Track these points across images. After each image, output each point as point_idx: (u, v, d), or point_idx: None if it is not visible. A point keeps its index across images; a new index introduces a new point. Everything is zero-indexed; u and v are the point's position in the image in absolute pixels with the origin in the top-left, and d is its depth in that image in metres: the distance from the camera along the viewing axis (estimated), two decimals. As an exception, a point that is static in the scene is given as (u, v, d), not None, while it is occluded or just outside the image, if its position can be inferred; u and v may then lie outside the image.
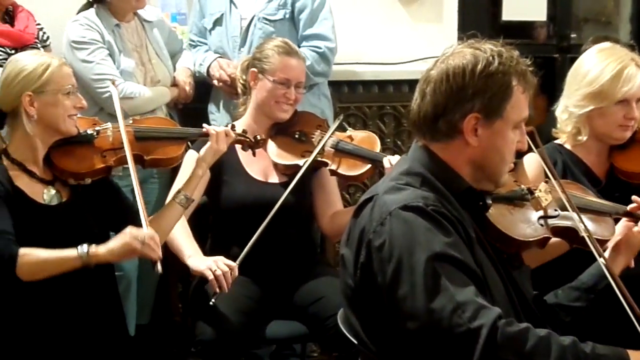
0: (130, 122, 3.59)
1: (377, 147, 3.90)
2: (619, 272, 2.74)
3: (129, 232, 3.10)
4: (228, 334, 3.47)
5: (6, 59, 3.94)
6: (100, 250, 3.09)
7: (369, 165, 3.81)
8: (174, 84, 4.55)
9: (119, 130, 3.36)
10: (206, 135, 3.54)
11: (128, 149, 3.29)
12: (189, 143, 3.72)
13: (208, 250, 3.88)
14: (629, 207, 2.94)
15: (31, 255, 3.03)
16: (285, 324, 3.78)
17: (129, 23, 4.41)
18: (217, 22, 4.66)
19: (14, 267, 3.00)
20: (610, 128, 3.36)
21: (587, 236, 2.63)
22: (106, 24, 4.29)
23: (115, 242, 3.11)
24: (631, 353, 2.22)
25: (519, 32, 6.04)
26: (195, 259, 3.58)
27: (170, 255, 3.63)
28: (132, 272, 4.26)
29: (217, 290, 3.48)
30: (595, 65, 3.35)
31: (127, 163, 3.31)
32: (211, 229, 3.94)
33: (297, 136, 3.91)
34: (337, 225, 3.77)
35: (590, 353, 2.16)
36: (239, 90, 4.03)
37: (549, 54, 6.12)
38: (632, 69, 3.31)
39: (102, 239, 3.22)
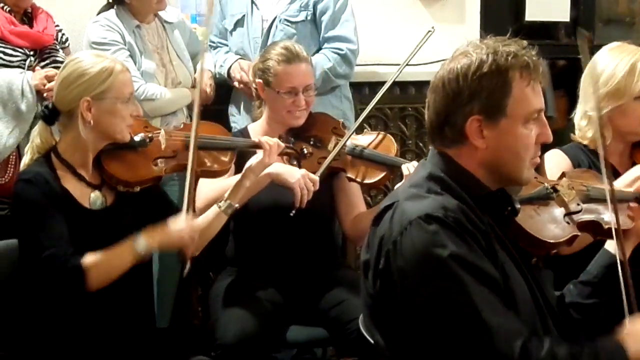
0: (181, 126, 3.58)
1: (394, 151, 3.85)
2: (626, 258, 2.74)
3: (185, 221, 3.09)
4: (248, 338, 3.44)
5: (24, 60, 3.97)
6: (153, 239, 3.08)
7: (385, 172, 3.77)
8: (195, 85, 4.53)
9: (172, 138, 3.36)
10: (258, 147, 3.49)
11: (193, 161, 3.17)
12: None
13: (229, 253, 3.87)
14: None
15: (95, 261, 3.01)
16: (306, 328, 3.76)
17: (150, 24, 4.41)
18: (239, 23, 4.65)
19: (82, 278, 2.98)
20: (634, 125, 3.35)
21: (615, 228, 2.57)
22: (127, 25, 4.28)
23: (171, 227, 3.10)
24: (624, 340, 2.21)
25: (542, 32, 6.01)
26: (281, 168, 3.58)
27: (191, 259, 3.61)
28: (153, 274, 4.25)
29: (298, 205, 3.53)
30: (607, 64, 3.35)
31: (176, 171, 3.32)
32: (233, 233, 3.90)
33: (312, 142, 3.85)
34: (360, 228, 3.72)
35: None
36: (253, 94, 4.00)
37: (572, 54, 6.07)
38: None
39: None
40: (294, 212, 3.56)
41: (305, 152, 3.69)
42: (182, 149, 3.39)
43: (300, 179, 3.54)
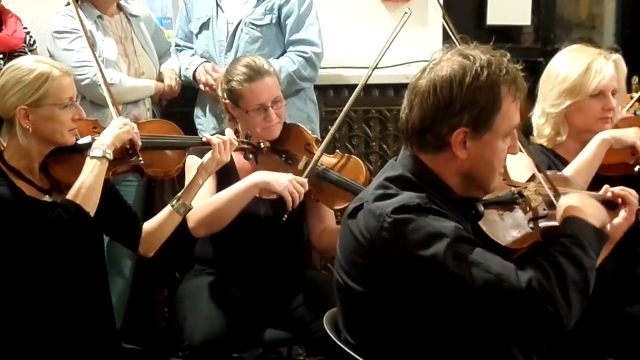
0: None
1: (362, 176, 3.80)
2: (598, 263, 2.78)
3: (120, 118, 3.24)
4: (216, 338, 3.45)
5: (-5, 64, 3.96)
6: (106, 140, 3.18)
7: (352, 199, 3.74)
8: (161, 79, 4.56)
9: None
10: (207, 144, 3.47)
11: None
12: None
13: (198, 255, 3.89)
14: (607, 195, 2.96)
15: (77, 191, 3.07)
16: (272, 328, 3.77)
17: (113, 17, 4.43)
18: (204, 26, 4.65)
19: (81, 209, 3.05)
20: (590, 122, 3.41)
21: None
22: (88, 14, 4.31)
23: (113, 126, 3.22)
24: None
25: (504, 36, 6.06)
26: (265, 174, 3.59)
27: (155, 260, 3.60)
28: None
29: (290, 208, 3.54)
30: (565, 63, 3.44)
31: (124, 174, 3.31)
32: (210, 243, 3.87)
33: (284, 158, 3.81)
34: (326, 242, 3.74)
35: (581, 252, 2.29)
36: (223, 109, 3.94)
37: (533, 57, 6.14)
38: (601, 61, 3.40)
39: (96, 244, 3.24)
40: (285, 216, 3.57)
41: (262, 146, 3.67)
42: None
43: (288, 185, 3.54)
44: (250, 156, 3.68)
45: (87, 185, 3.08)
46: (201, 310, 3.56)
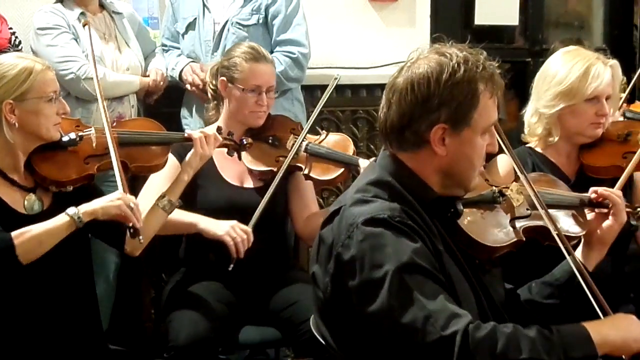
0: (114, 124, 3.55)
1: (351, 150, 3.89)
2: (593, 267, 2.78)
3: (121, 196, 3.09)
4: (201, 339, 3.44)
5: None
6: (92, 207, 3.07)
7: (343, 169, 3.80)
8: (146, 76, 4.56)
9: (103, 136, 3.29)
10: (189, 140, 3.49)
11: (116, 156, 3.20)
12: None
13: (182, 254, 3.87)
14: (592, 196, 2.95)
15: (24, 233, 2.97)
16: (259, 329, 3.77)
17: (97, 15, 4.43)
18: (190, 26, 4.64)
19: (13, 251, 2.95)
20: (583, 126, 3.41)
21: (557, 234, 2.61)
22: (71, 11, 4.33)
23: (108, 202, 3.08)
24: (588, 326, 2.24)
25: (492, 36, 6.07)
26: (208, 223, 3.61)
27: (143, 261, 3.59)
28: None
29: (235, 256, 3.53)
30: (563, 65, 3.42)
31: (110, 169, 3.27)
32: (185, 234, 3.88)
33: (270, 141, 3.88)
34: (312, 227, 3.73)
35: (555, 338, 2.17)
36: (209, 95, 4.00)
37: (521, 58, 6.15)
38: (599, 66, 3.38)
39: (82, 244, 3.22)
40: (232, 265, 3.57)
41: (245, 142, 3.67)
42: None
43: (229, 230, 3.56)
44: (234, 153, 3.68)
45: (35, 234, 3.01)
46: (187, 311, 3.54)
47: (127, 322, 4.52)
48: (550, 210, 2.72)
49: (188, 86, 4.55)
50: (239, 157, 3.71)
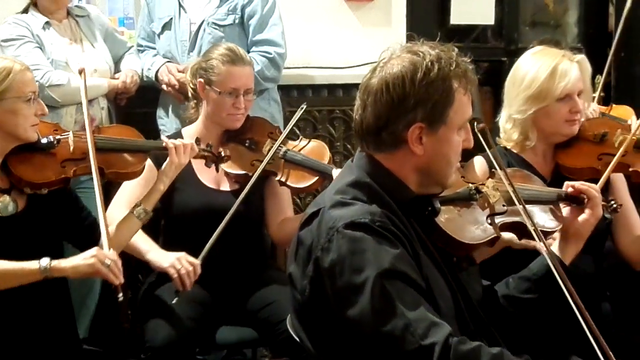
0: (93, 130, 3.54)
1: (327, 158, 3.88)
2: (570, 260, 2.79)
3: (96, 253, 3.05)
4: (178, 339, 3.44)
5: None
6: (63, 264, 3.04)
7: (317, 178, 3.80)
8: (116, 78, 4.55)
9: (80, 140, 3.29)
10: (166, 149, 3.47)
11: (94, 161, 3.20)
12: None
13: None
14: (568, 190, 2.95)
15: None
16: (236, 329, 3.77)
17: (62, 22, 4.45)
18: (166, 26, 4.64)
19: None
20: (558, 125, 3.39)
21: (534, 230, 2.62)
22: (36, 21, 4.35)
23: (80, 261, 3.05)
24: None
25: (468, 35, 6.09)
26: (156, 254, 3.58)
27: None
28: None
29: (180, 289, 3.49)
30: (530, 68, 3.39)
31: (85, 174, 3.26)
32: (162, 234, 3.90)
33: (247, 144, 3.87)
34: (285, 232, 3.76)
35: None
36: (190, 94, 3.99)
37: (497, 57, 6.17)
38: (565, 64, 3.35)
39: (55, 249, 3.20)
40: (176, 299, 3.54)
41: (223, 154, 3.67)
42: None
43: (174, 262, 3.52)
44: (212, 165, 3.68)
45: (7, 275, 3.01)
46: (163, 312, 3.54)
47: (104, 324, 4.51)
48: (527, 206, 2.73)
49: (164, 86, 4.55)
50: (217, 170, 3.71)
